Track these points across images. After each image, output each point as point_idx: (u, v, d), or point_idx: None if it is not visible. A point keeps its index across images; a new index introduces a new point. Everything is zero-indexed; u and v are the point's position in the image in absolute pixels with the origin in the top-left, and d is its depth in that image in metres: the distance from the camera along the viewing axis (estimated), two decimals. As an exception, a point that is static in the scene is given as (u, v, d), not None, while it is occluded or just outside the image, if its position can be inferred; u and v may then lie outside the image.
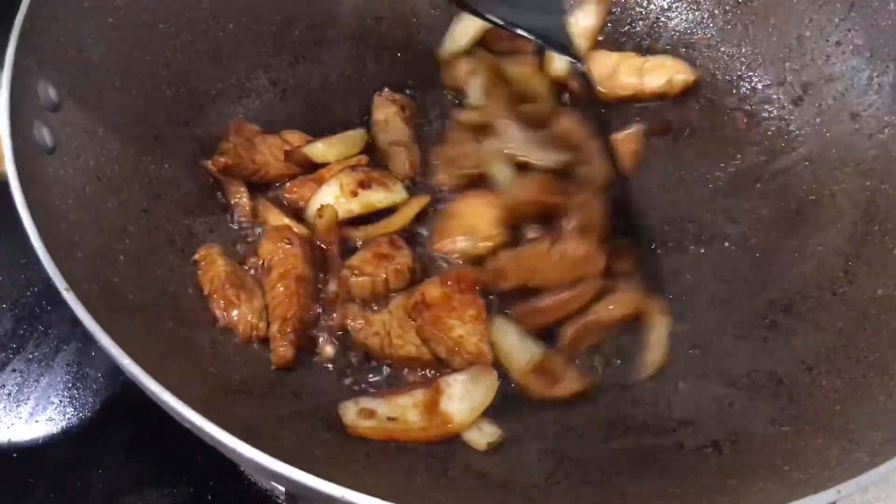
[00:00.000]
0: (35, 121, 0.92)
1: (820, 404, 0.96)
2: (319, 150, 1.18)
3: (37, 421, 1.17)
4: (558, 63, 1.27)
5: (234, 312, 1.02)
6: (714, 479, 0.90)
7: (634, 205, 1.18)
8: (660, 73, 1.29)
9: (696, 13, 1.35)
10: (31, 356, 1.21)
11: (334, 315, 1.04)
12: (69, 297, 0.75)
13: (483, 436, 0.96)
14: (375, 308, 1.07)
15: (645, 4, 1.38)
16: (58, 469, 1.13)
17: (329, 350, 1.02)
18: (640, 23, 1.38)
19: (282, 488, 1.09)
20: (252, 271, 1.09)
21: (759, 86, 1.29)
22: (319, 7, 1.33)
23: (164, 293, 0.99)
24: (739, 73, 1.31)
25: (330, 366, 1.04)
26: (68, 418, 1.16)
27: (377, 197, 1.14)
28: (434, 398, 0.97)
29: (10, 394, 1.18)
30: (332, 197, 1.12)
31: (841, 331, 1.03)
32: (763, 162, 1.25)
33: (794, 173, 1.22)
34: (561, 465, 0.96)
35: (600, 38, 1.37)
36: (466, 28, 1.31)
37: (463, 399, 0.96)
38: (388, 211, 1.16)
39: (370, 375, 1.04)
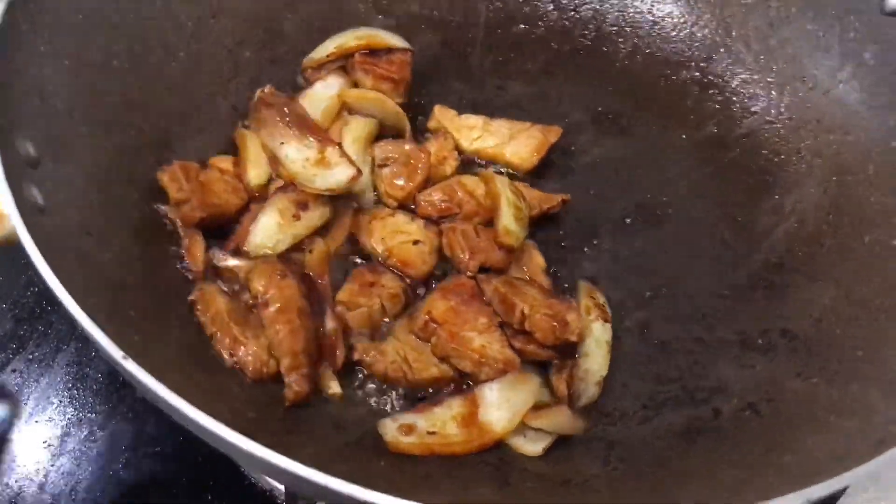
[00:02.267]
0: (24, 180, 0.85)
1: (841, 352, 1.00)
2: (255, 175, 1.13)
3: (37, 421, 1.15)
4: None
5: (242, 350, 0.97)
6: (762, 441, 0.93)
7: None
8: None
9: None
10: (31, 356, 1.20)
11: (337, 352, 1.00)
12: (128, 364, 0.70)
13: (535, 442, 0.95)
14: (378, 337, 1.04)
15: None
16: (56, 470, 1.11)
17: (335, 386, 0.98)
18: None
19: (282, 488, 1.08)
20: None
21: (714, 55, 1.33)
22: (266, 27, 1.29)
23: (187, 346, 0.94)
24: (696, 45, 1.35)
25: (360, 392, 1.01)
26: (68, 418, 1.14)
27: (318, 214, 1.09)
28: (472, 410, 0.96)
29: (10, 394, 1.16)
30: (275, 226, 1.07)
31: (839, 281, 1.09)
32: (726, 129, 1.29)
33: (758, 137, 1.27)
34: (612, 452, 0.97)
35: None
36: (334, 41, 1.27)
37: (502, 406, 0.95)
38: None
39: (400, 393, 1.02)
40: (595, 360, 1.02)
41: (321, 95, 1.22)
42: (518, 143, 1.24)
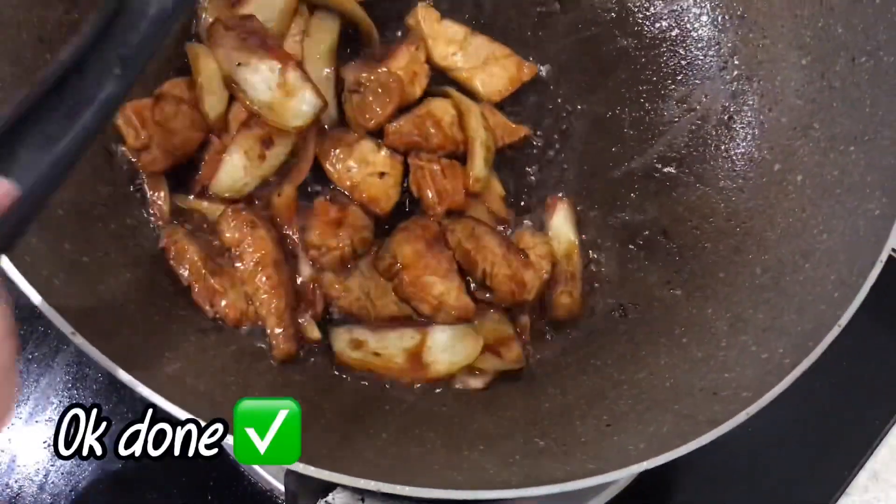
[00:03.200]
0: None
1: (705, 268, 1.14)
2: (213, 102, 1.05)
3: (37, 421, 1.17)
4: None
5: (223, 302, 0.98)
6: (627, 348, 1.09)
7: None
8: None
9: None
10: (31, 356, 1.20)
11: (317, 301, 1.03)
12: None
13: (479, 378, 1.05)
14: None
15: None
16: (56, 470, 1.16)
17: (315, 332, 1.02)
18: None
19: (282, 487, 1.14)
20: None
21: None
22: None
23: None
24: None
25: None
26: (68, 418, 1.18)
27: (282, 150, 1.05)
28: (420, 347, 1.03)
29: (10, 394, 1.17)
30: (241, 169, 1.02)
31: (720, 191, 1.20)
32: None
33: (686, 16, 1.28)
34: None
35: None
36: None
37: (445, 353, 1.02)
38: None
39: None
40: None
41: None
42: (490, 71, 1.20)
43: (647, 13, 1.29)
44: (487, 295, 1.08)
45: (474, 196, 1.12)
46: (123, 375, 0.77)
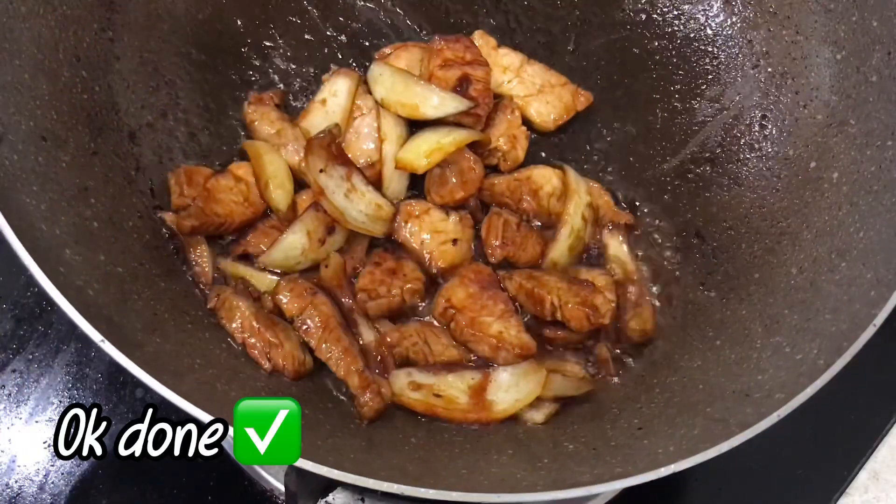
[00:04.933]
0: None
1: (740, 269, 1.12)
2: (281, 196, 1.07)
3: (37, 421, 1.19)
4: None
5: (278, 353, 0.98)
6: (659, 352, 1.08)
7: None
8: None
9: None
10: (31, 356, 1.22)
11: (386, 359, 1.02)
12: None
13: (539, 410, 1.02)
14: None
15: None
16: (56, 470, 1.17)
17: (389, 391, 1.00)
18: None
19: (282, 487, 1.14)
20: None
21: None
22: None
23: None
24: None
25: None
26: (68, 418, 1.20)
27: (340, 238, 1.06)
28: (483, 384, 1.00)
29: (10, 394, 1.20)
30: (299, 248, 1.03)
31: (756, 189, 1.18)
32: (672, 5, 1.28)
33: (718, 18, 1.27)
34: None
35: None
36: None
37: (509, 391, 1.00)
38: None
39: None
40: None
41: (333, 102, 1.15)
42: (545, 99, 1.21)
43: (678, 13, 1.28)
44: (560, 332, 1.06)
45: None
46: (150, 381, 0.78)
